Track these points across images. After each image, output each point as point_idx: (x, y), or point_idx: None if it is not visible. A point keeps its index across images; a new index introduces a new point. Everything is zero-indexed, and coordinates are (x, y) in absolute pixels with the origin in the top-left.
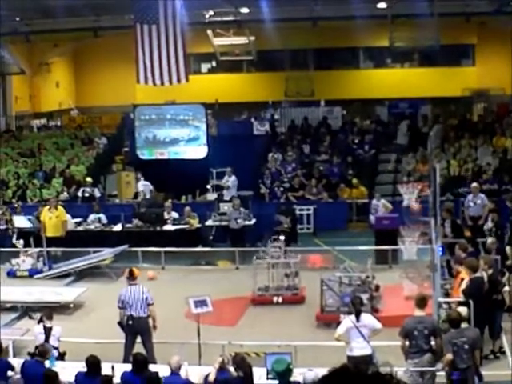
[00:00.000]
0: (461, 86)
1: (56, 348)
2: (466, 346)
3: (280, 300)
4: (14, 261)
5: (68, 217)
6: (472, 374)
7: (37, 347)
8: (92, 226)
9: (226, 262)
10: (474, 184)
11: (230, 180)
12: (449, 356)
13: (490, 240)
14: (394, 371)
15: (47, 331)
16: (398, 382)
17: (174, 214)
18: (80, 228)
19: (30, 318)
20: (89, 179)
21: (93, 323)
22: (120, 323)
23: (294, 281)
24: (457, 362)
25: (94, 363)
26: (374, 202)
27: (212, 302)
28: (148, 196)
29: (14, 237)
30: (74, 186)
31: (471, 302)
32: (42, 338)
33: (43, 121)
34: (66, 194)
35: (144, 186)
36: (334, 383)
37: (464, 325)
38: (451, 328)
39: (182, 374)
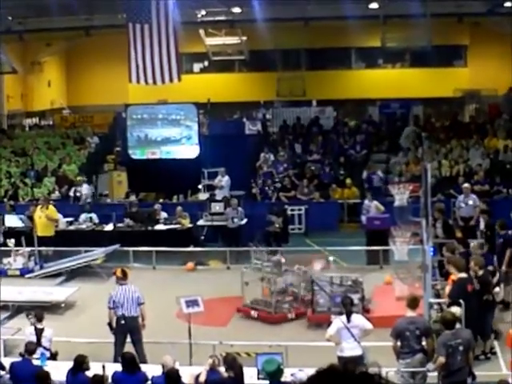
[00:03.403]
0: (452, 87)
1: (48, 349)
2: (461, 348)
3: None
4: (5, 260)
5: (59, 216)
6: (465, 375)
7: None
8: (83, 226)
9: (218, 261)
10: (466, 185)
11: (224, 180)
12: (441, 359)
13: (473, 243)
14: (382, 371)
15: (38, 333)
16: (386, 381)
17: (163, 215)
18: (71, 227)
19: (28, 317)
20: (80, 178)
21: (84, 323)
22: (109, 324)
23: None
24: (451, 364)
25: (78, 362)
26: (366, 202)
27: (203, 301)
28: (89, 200)
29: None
30: (65, 186)
31: (462, 302)
32: (34, 339)
33: (35, 120)
34: (57, 193)
35: (87, 190)
36: (321, 383)
37: (457, 325)
38: (446, 329)
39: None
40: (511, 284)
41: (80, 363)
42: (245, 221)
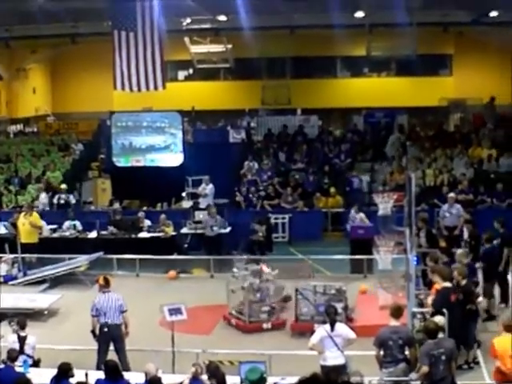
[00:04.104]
0: (438, 96)
1: (31, 357)
2: (444, 357)
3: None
4: None
5: (43, 223)
6: None
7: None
8: (67, 233)
9: (201, 270)
10: (451, 194)
11: (208, 188)
12: (424, 368)
13: (459, 251)
14: (364, 380)
15: (21, 340)
16: None
17: (147, 222)
18: (55, 235)
19: (10, 324)
20: (64, 186)
21: (67, 330)
22: (93, 331)
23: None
24: (434, 374)
25: (63, 369)
26: (353, 213)
27: (186, 310)
28: (47, 209)
29: None
30: (49, 193)
31: (445, 311)
32: (17, 347)
33: (19, 127)
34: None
35: (45, 199)
36: None
37: (440, 335)
38: (428, 339)
39: None
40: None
41: (65, 371)
42: (228, 229)
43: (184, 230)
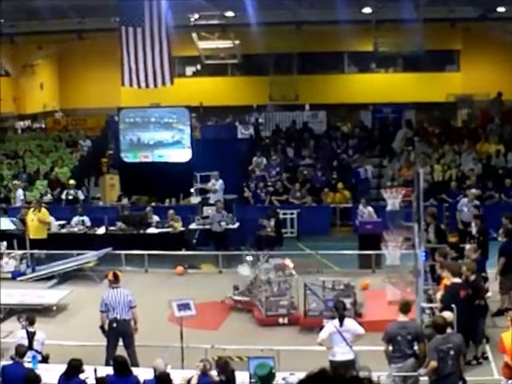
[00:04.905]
0: (445, 92)
1: (40, 352)
2: (452, 352)
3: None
4: None
5: (52, 219)
6: (456, 380)
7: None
8: (76, 229)
9: (210, 265)
10: (473, 190)
11: (218, 184)
12: (433, 363)
13: (468, 247)
14: (372, 375)
15: (30, 336)
16: None
17: (156, 218)
18: (64, 230)
19: (19, 320)
20: (72, 181)
21: (76, 326)
22: (102, 327)
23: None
24: (442, 369)
25: (73, 366)
26: (361, 208)
27: (195, 305)
28: (21, 205)
29: None
30: (58, 189)
31: (454, 307)
32: (26, 342)
33: (27, 123)
34: (49, 196)
35: (22, 196)
36: None
37: (449, 330)
38: (437, 334)
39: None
40: (510, 292)
41: (75, 367)
42: (236, 225)
43: (192, 226)
